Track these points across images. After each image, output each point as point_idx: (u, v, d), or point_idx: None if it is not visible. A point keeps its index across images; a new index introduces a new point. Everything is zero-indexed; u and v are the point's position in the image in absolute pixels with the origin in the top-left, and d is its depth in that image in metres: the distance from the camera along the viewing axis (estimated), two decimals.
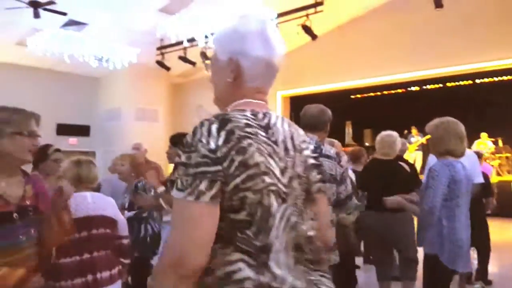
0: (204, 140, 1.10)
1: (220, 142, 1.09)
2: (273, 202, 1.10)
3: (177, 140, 3.02)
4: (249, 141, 1.11)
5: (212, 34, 9.08)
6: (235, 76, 1.25)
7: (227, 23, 1.28)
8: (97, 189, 3.15)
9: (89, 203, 2.55)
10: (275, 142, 1.18)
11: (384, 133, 3.98)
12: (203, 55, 9.70)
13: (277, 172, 1.13)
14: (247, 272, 1.06)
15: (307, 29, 8.33)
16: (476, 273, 4.79)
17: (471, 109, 10.60)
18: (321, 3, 8.10)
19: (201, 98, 13.46)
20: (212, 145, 1.08)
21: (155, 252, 3.65)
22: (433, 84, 11.63)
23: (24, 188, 1.80)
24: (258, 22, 1.24)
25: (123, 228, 2.80)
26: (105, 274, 2.50)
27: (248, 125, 1.15)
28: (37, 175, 2.27)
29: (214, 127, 1.12)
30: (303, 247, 1.16)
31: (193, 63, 10.12)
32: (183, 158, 1.09)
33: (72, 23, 9.35)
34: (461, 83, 11.26)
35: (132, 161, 3.81)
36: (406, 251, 3.84)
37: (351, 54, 10.74)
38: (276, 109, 12.11)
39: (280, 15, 8.37)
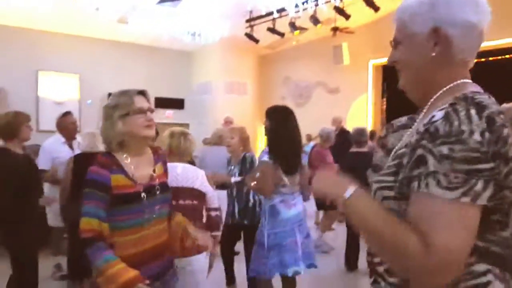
0: (466, 129, 0.91)
1: (485, 132, 0.91)
2: None
3: (272, 114, 3.04)
4: (506, 130, 0.94)
5: (303, 3, 8.88)
6: (441, 50, 1.06)
7: None
8: (191, 162, 3.23)
9: (178, 174, 2.62)
10: None
11: None
12: (292, 25, 9.56)
13: None
14: (498, 286, 0.95)
15: None
16: None
17: None
18: None
19: (288, 69, 13.42)
20: (477, 136, 0.90)
21: (258, 221, 3.79)
22: None
23: (153, 167, 1.88)
24: None
25: (212, 201, 2.84)
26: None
27: (500, 112, 0.96)
28: (164, 151, 2.33)
29: (473, 113, 0.93)
30: None
31: (281, 34, 10.03)
32: (444, 150, 0.91)
33: None
34: None
35: (241, 134, 3.88)
36: None
37: None
38: (368, 79, 11.60)
39: None
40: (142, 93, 1.91)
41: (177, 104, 13.34)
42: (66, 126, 4.40)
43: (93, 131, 4.18)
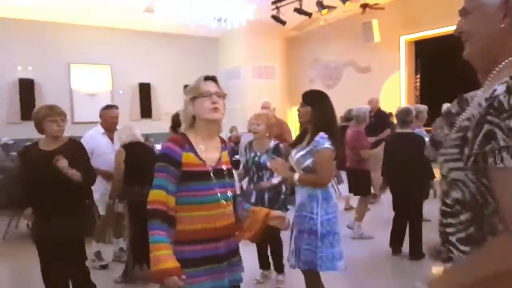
0: None
1: None
2: None
3: (310, 98, 2.95)
4: None
5: None
6: (511, 22, 1.07)
7: None
8: None
9: None
10: None
11: None
12: (320, 4, 9.34)
13: None
14: None
15: None
16: None
17: None
18: None
19: (316, 50, 13.19)
20: None
21: (287, 209, 3.80)
22: None
23: (220, 154, 1.98)
24: None
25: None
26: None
27: None
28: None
29: None
30: None
31: (309, 14, 9.83)
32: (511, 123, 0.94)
33: None
34: None
35: (267, 121, 3.83)
36: None
37: None
38: (400, 55, 11.23)
39: None
40: (212, 78, 2.00)
41: None
42: (107, 119, 4.48)
43: (128, 124, 4.48)
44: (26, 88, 11.13)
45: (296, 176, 2.80)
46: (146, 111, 12.79)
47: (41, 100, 10.85)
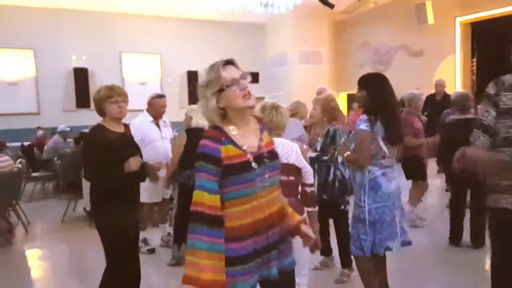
0: None
1: None
2: None
3: (364, 82, 2.86)
4: None
5: None
6: None
7: None
8: None
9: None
10: None
11: None
12: None
13: None
14: None
15: None
16: None
17: None
18: None
19: (366, 34, 12.79)
20: None
21: (344, 197, 3.64)
22: None
23: (260, 136, 1.87)
24: None
25: (308, 176, 2.75)
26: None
27: None
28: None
29: None
30: None
31: None
32: None
33: None
34: None
35: (324, 105, 3.69)
36: None
37: None
38: (456, 38, 10.66)
39: None
40: (230, 62, 1.83)
41: (252, 77, 13.38)
42: (156, 108, 4.58)
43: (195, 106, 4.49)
44: (81, 77, 11.64)
45: (345, 154, 2.93)
46: (194, 98, 12.98)
47: (95, 88, 11.31)
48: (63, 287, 4.02)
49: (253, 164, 1.76)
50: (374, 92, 2.83)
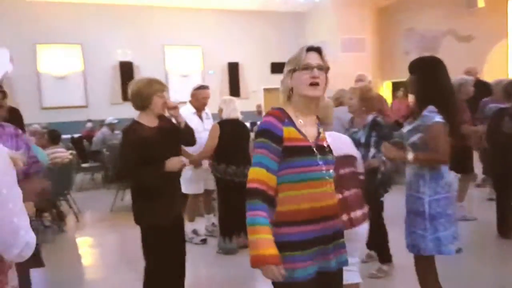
0: None
1: None
2: None
3: (416, 66, 2.71)
4: None
5: None
6: None
7: None
8: None
9: (329, 143, 2.45)
10: None
11: None
12: None
13: None
14: None
15: None
16: None
17: None
18: None
19: (411, 19, 12.32)
20: None
21: (384, 188, 3.53)
22: None
23: (318, 130, 1.86)
24: None
25: (360, 165, 2.71)
26: (358, 212, 2.46)
27: None
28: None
29: None
30: None
31: None
32: None
33: None
34: None
35: (361, 95, 3.54)
36: None
37: None
38: (507, 22, 10.08)
39: None
40: (316, 49, 1.83)
41: None
42: (199, 99, 4.63)
43: (230, 97, 4.62)
44: (126, 70, 11.98)
45: (410, 155, 2.55)
46: (234, 90, 13.08)
47: None
48: (112, 274, 4.19)
49: (315, 150, 1.73)
50: (429, 77, 2.61)
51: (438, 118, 2.49)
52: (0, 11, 10.63)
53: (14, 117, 2.72)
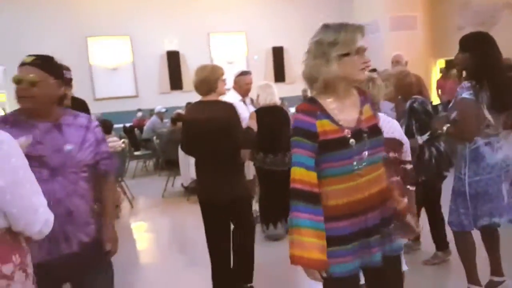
0: None
1: None
2: None
3: (466, 42, 2.57)
4: None
5: None
6: None
7: None
8: None
9: None
10: None
11: None
12: None
13: None
14: None
15: None
16: None
17: None
18: None
19: None
20: None
21: (442, 175, 3.36)
22: None
23: (360, 109, 1.73)
24: None
25: (408, 153, 2.61)
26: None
27: None
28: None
29: None
30: None
31: None
32: None
33: None
34: None
35: (397, 82, 3.28)
36: None
37: None
38: None
39: None
40: (360, 29, 1.68)
41: None
42: (242, 85, 4.61)
43: (268, 83, 4.57)
44: (173, 60, 12.19)
45: (445, 127, 2.68)
46: (279, 75, 12.97)
47: (186, 70, 11.80)
48: (166, 258, 4.33)
49: (351, 141, 1.63)
50: (479, 53, 2.53)
51: (466, 95, 2.49)
52: (53, 7, 11.09)
53: (83, 109, 2.92)
